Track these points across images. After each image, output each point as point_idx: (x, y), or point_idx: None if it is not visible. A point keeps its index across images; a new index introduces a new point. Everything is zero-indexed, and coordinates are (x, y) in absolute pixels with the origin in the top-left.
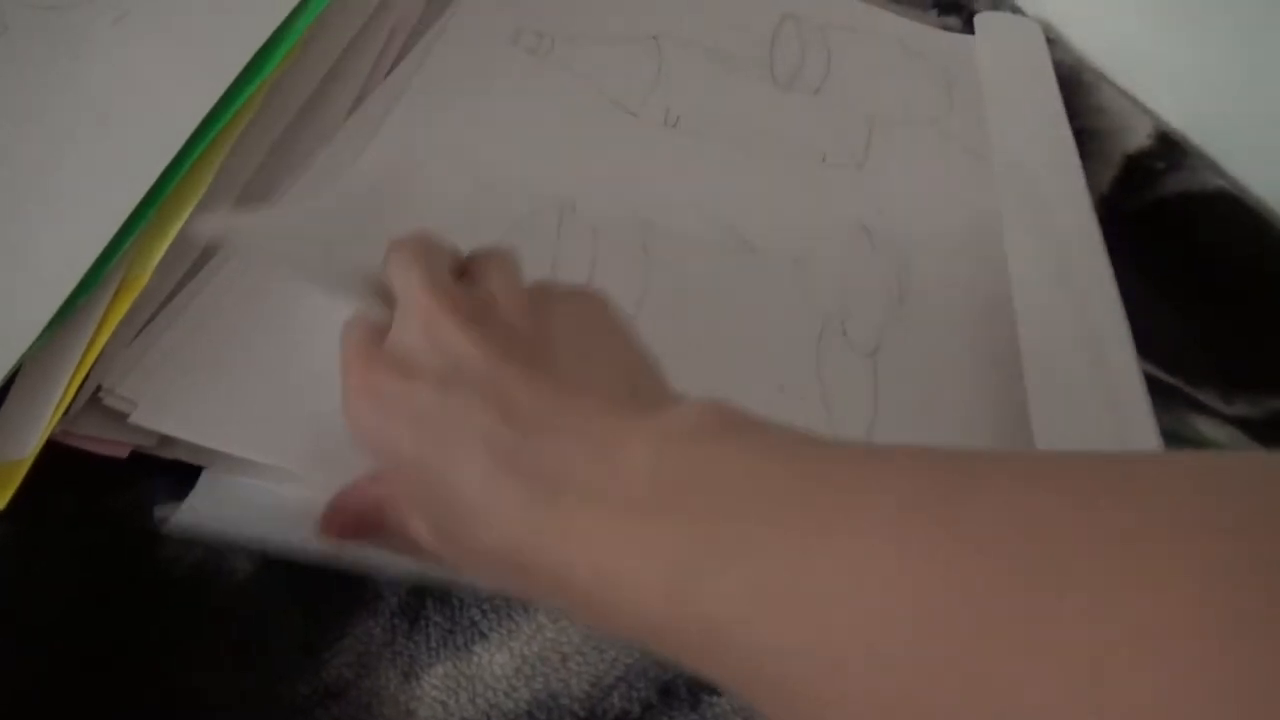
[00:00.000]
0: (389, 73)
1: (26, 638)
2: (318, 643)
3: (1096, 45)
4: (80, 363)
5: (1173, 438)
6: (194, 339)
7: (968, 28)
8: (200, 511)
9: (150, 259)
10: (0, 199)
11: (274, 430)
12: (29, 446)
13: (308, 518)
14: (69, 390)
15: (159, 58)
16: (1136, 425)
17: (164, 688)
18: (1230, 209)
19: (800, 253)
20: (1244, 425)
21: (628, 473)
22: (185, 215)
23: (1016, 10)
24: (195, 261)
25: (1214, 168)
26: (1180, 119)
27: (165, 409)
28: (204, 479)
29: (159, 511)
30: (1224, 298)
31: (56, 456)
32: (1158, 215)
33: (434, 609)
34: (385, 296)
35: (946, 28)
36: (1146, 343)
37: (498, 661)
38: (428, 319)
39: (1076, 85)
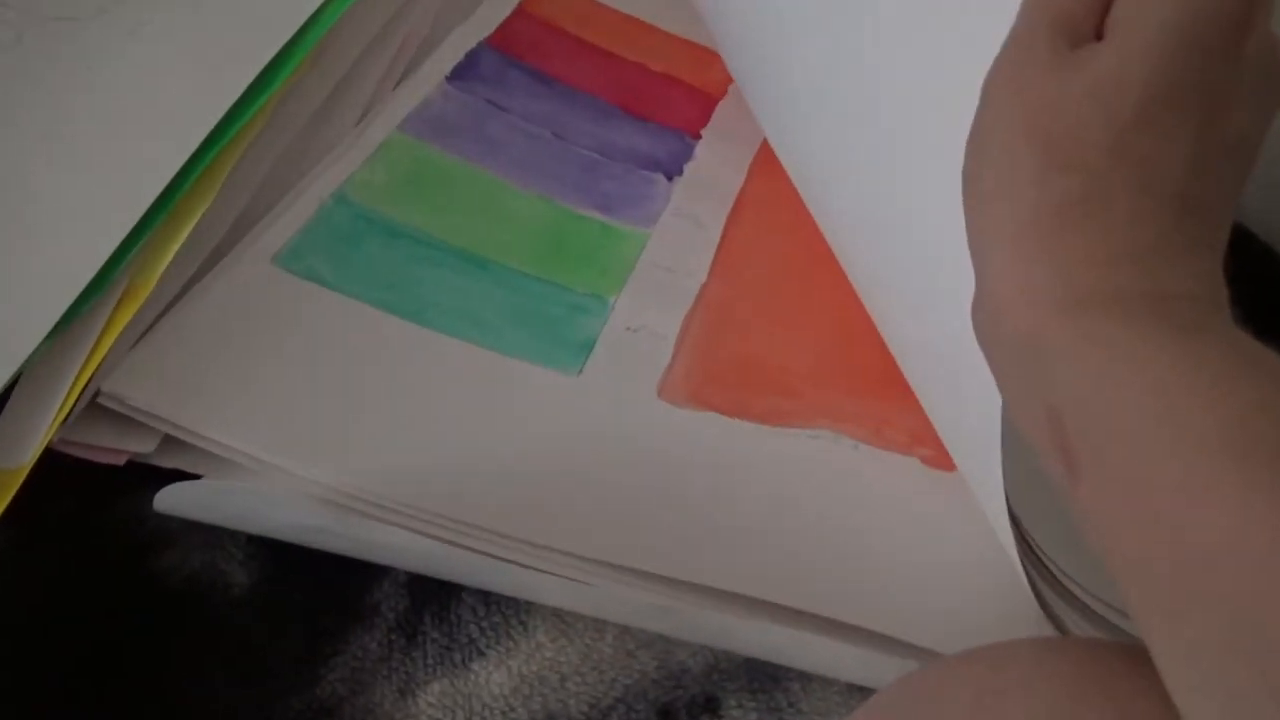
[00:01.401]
0: (398, 84)
1: (20, 647)
2: (313, 657)
3: None
4: (81, 371)
5: None
6: (198, 343)
7: None
8: (188, 496)
9: (156, 267)
10: (8, 205)
11: (275, 428)
12: (27, 455)
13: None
14: (69, 398)
15: (172, 68)
16: None
17: (156, 700)
18: (1232, 239)
19: None
20: None
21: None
22: (192, 223)
23: None
24: (200, 267)
25: None
26: None
27: (168, 401)
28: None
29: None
30: None
31: (53, 464)
32: None
33: (432, 625)
34: None
35: None
36: None
37: (495, 680)
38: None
39: None
